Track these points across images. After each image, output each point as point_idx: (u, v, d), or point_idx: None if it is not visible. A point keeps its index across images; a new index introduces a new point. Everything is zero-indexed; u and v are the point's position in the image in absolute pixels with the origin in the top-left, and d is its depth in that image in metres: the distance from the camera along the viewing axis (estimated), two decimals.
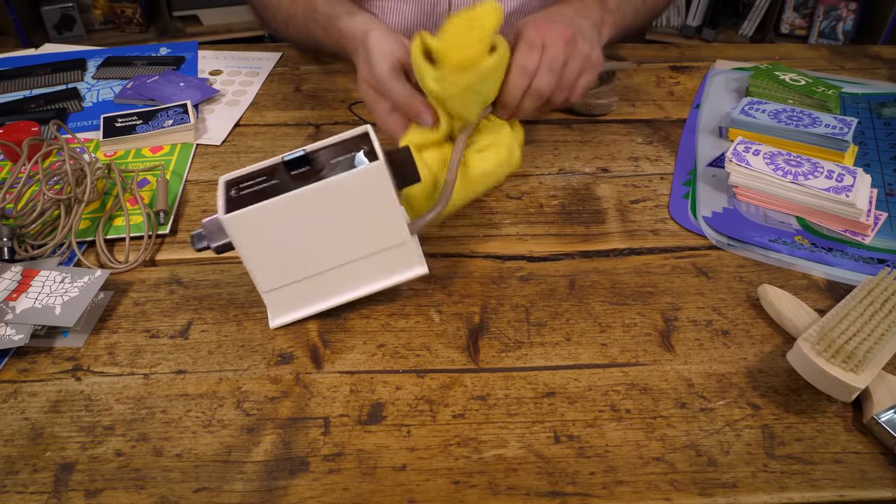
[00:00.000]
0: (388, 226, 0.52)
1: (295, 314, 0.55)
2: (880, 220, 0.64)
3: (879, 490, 0.44)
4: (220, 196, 0.51)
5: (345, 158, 0.51)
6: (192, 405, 0.49)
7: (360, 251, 0.53)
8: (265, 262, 0.52)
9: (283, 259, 0.52)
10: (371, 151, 0.51)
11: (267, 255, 0.51)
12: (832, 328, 0.48)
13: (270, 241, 0.51)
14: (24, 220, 0.61)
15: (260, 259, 0.51)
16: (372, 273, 0.54)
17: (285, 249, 0.51)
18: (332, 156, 0.52)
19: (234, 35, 2.37)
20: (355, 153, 0.51)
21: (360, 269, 0.54)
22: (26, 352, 0.53)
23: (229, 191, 0.51)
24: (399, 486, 0.44)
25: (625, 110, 0.82)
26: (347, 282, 0.54)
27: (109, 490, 0.44)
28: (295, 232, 0.51)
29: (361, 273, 0.54)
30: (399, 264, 0.54)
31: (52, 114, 0.81)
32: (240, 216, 0.49)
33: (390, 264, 0.54)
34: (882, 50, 0.96)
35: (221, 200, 0.50)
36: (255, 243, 0.51)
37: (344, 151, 0.52)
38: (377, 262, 0.54)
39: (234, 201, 0.50)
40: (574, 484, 0.44)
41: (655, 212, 0.67)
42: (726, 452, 0.46)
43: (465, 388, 0.50)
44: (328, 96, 0.85)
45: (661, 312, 0.56)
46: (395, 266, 0.54)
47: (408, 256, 0.54)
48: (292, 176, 0.51)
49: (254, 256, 0.51)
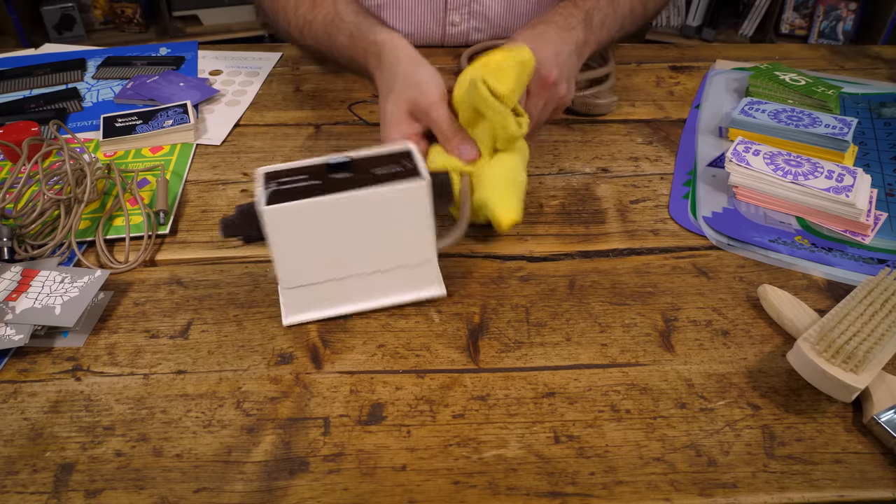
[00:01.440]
0: (417, 243, 0.54)
1: (309, 315, 0.55)
2: (880, 221, 0.64)
3: (879, 490, 0.44)
4: (259, 187, 0.51)
5: (387, 171, 0.52)
6: (192, 405, 0.49)
7: (386, 264, 0.54)
8: (293, 258, 0.52)
9: (311, 259, 0.52)
10: (414, 169, 0.52)
11: (296, 253, 0.52)
12: (832, 328, 0.48)
13: (303, 239, 0.51)
14: (24, 220, 0.61)
15: (289, 255, 0.52)
16: (391, 287, 0.55)
17: (315, 250, 0.52)
18: (374, 166, 0.52)
19: (234, 35, 2.37)
20: (396, 167, 0.52)
21: (381, 281, 0.55)
22: (26, 352, 0.53)
23: (269, 183, 0.51)
24: (399, 486, 0.44)
25: (625, 110, 0.82)
26: (366, 291, 0.55)
27: (109, 490, 0.44)
28: (329, 234, 0.51)
29: (382, 285, 0.55)
30: (419, 282, 0.56)
31: (52, 114, 0.81)
32: (280, 210, 0.49)
33: (411, 281, 0.55)
34: (882, 50, 0.96)
35: (261, 191, 0.50)
36: (288, 239, 0.51)
37: (386, 164, 0.53)
38: (399, 277, 0.55)
39: (276, 194, 0.50)
40: (574, 484, 0.44)
41: (655, 212, 0.67)
42: (726, 453, 0.46)
43: (465, 389, 0.50)
44: (328, 96, 0.85)
45: (661, 312, 0.56)
46: (415, 283, 0.56)
47: (429, 276, 0.56)
48: (335, 179, 0.51)
49: (284, 251, 0.52)
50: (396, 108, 0.60)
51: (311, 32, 0.77)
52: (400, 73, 0.62)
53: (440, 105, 0.59)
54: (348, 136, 0.78)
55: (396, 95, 0.61)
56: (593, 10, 0.73)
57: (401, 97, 0.60)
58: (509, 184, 0.59)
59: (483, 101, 0.56)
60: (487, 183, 0.58)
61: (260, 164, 0.73)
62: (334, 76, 0.89)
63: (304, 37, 0.79)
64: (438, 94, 0.59)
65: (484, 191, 0.58)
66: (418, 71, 0.61)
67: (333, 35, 0.73)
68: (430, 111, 0.59)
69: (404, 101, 0.60)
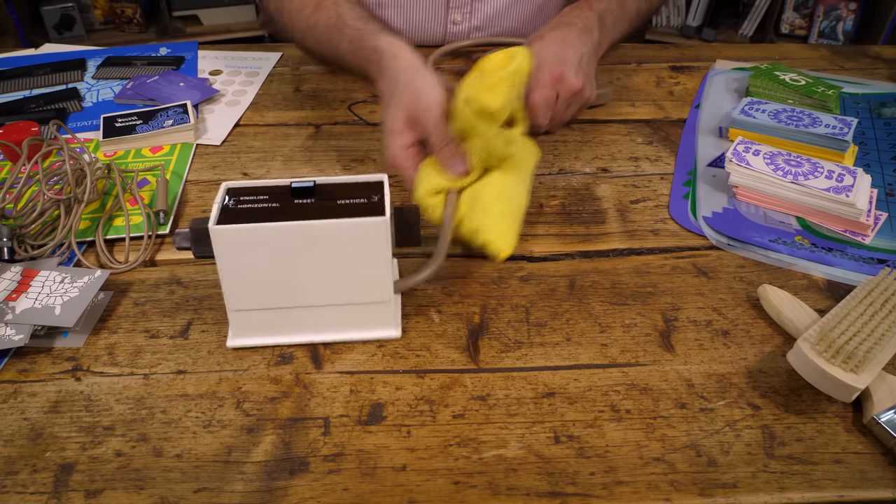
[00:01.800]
0: (374, 281, 0.51)
1: (255, 340, 0.53)
2: (880, 221, 0.64)
3: (879, 490, 0.44)
4: (217, 202, 0.49)
5: (350, 202, 0.49)
6: (192, 405, 0.49)
7: (339, 299, 0.51)
8: (241, 281, 0.50)
9: (260, 284, 0.50)
10: (379, 204, 0.49)
11: (244, 276, 0.50)
12: (832, 328, 0.48)
13: (252, 263, 0.49)
14: (24, 220, 0.61)
15: (236, 277, 0.50)
16: (343, 322, 0.52)
17: (264, 276, 0.50)
18: (341, 195, 0.50)
19: (234, 35, 2.37)
20: (362, 199, 0.50)
21: (332, 315, 0.52)
22: (26, 352, 0.53)
23: (228, 199, 0.50)
24: (399, 486, 0.44)
25: (625, 110, 0.82)
26: (317, 324, 0.52)
27: (109, 490, 0.44)
28: (279, 261, 0.49)
29: (333, 320, 0.52)
30: (373, 321, 0.53)
31: (52, 114, 0.81)
32: (228, 230, 0.47)
33: (364, 319, 0.52)
34: (882, 50, 0.96)
35: (217, 207, 0.49)
36: (236, 261, 0.49)
37: (353, 194, 0.50)
38: (352, 314, 0.52)
39: (229, 212, 0.49)
40: (574, 484, 0.44)
41: (655, 212, 0.67)
42: (726, 453, 0.46)
43: (465, 389, 0.50)
44: (328, 96, 0.85)
45: (661, 312, 0.56)
46: (369, 322, 0.53)
47: (385, 316, 0.53)
48: (295, 204, 0.49)
49: (231, 273, 0.49)
50: (396, 116, 0.60)
51: (313, 36, 0.77)
52: (400, 80, 0.61)
53: (434, 115, 0.58)
54: (348, 136, 0.78)
55: (396, 103, 0.61)
56: (606, 11, 0.77)
57: (399, 105, 0.60)
58: (504, 209, 0.56)
59: (467, 123, 0.55)
60: (482, 208, 0.56)
61: (260, 164, 0.73)
62: (334, 76, 0.89)
63: (307, 40, 0.79)
64: (434, 103, 0.58)
65: (477, 217, 0.56)
66: (418, 79, 0.60)
67: (336, 40, 0.73)
68: (424, 120, 0.59)
69: (403, 109, 0.60)
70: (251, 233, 0.47)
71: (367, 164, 0.73)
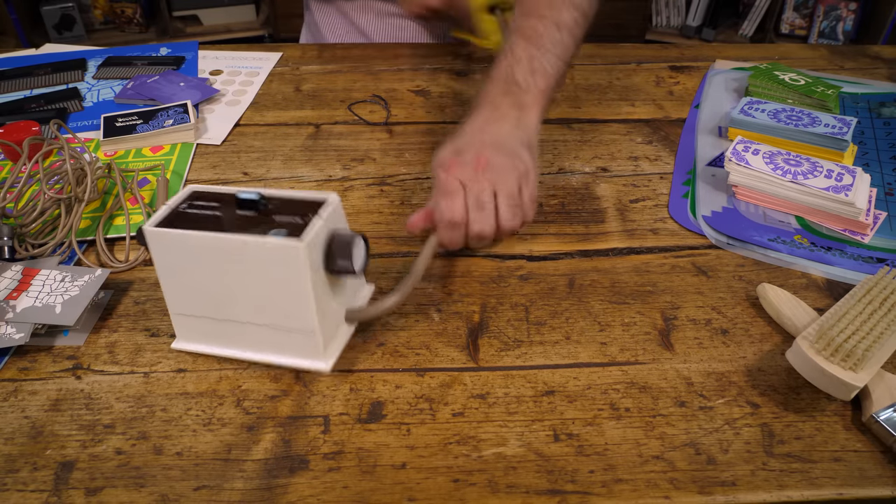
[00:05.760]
0: (296, 309, 0.48)
1: (195, 346, 0.53)
2: (879, 220, 0.64)
3: (878, 488, 0.44)
4: (169, 204, 0.50)
5: (286, 220, 0.48)
6: (192, 403, 0.49)
7: (263, 319, 0.49)
8: (177, 285, 0.50)
9: (191, 291, 0.50)
10: (306, 225, 0.46)
11: (177, 280, 0.50)
12: (831, 327, 0.48)
13: (184, 269, 0.49)
14: (25, 219, 0.61)
15: (173, 281, 0.50)
16: (272, 345, 0.50)
17: (196, 283, 0.50)
18: (283, 210, 0.49)
19: (234, 35, 2.38)
20: (298, 219, 0.48)
21: (261, 336, 0.50)
22: (27, 350, 0.53)
23: (184, 202, 0.51)
24: (399, 484, 0.44)
25: (625, 110, 0.82)
26: (247, 341, 0.51)
27: (109, 488, 0.44)
28: (207, 272, 0.49)
29: (262, 340, 0.50)
30: (301, 350, 0.50)
31: (53, 113, 0.81)
32: (158, 233, 0.48)
33: (292, 346, 0.50)
34: (882, 50, 0.96)
35: (165, 209, 0.50)
36: (168, 264, 0.50)
37: (297, 211, 0.48)
38: (278, 338, 0.50)
39: (175, 215, 0.49)
40: (573, 482, 0.44)
41: (655, 211, 0.67)
42: (725, 451, 0.46)
43: (465, 387, 0.50)
44: (328, 96, 0.85)
45: (661, 311, 0.56)
46: (297, 349, 0.50)
47: (310, 346, 0.50)
48: (237, 215, 0.49)
49: (167, 276, 0.50)
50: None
51: None
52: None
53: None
54: (348, 136, 0.78)
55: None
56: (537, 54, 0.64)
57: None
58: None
59: None
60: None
61: (260, 164, 0.73)
62: (334, 76, 0.89)
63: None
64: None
65: None
66: None
67: None
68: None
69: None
70: (179, 238, 0.48)
71: (366, 163, 0.73)
